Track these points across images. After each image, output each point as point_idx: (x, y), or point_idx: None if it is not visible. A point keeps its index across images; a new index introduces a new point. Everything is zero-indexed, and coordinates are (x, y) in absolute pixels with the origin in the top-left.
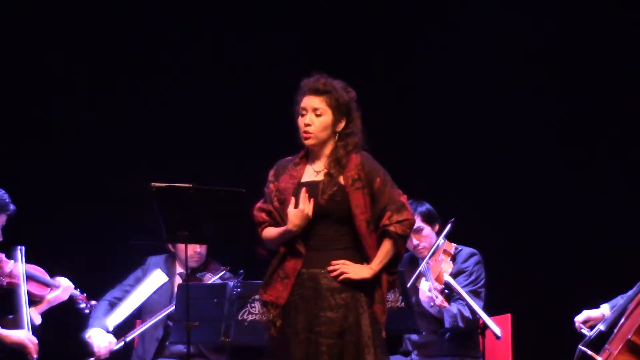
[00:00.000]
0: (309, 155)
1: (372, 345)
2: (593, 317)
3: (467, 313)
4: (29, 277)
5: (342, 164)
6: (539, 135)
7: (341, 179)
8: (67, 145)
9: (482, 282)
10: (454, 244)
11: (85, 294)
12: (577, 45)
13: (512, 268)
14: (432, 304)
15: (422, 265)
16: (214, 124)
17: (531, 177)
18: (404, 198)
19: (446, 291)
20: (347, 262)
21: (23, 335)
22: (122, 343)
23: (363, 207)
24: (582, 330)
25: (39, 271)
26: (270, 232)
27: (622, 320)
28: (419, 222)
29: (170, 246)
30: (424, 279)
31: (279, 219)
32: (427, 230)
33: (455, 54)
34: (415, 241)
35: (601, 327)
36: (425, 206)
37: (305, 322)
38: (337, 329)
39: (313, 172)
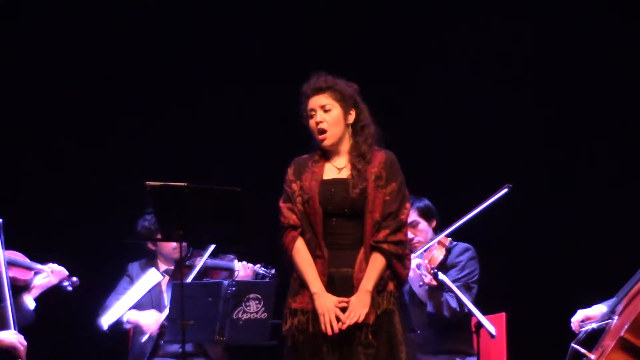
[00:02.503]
0: (327, 153)
1: (404, 343)
2: (591, 315)
3: (453, 304)
4: (10, 263)
5: (367, 158)
6: (537, 134)
7: (366, 174)
8: (62, 145)
9: (476, 277)
10: (449, 238)
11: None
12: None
13: (507, 267)
14: (420, 283)
15: (414, 254)
16: (211, 123)
17: (528, 175)
18: (405, 215)
19: (435, 270)
20: (351, 307)
21: (14, 338)
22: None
23: (378, 207)
24: (583, 329)
25: (18, 256)
26: (301, 258)
27: (615, 318)
28: (415, 216)
29: (150, 245)
30: (412, 254)
31: (303, 222)
32: (424, 225)
33: (458, 55)
34: (410, 234)
35: (594, 325)
36: (424, 202)
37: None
38: (372, 328)
39: (335, 169)
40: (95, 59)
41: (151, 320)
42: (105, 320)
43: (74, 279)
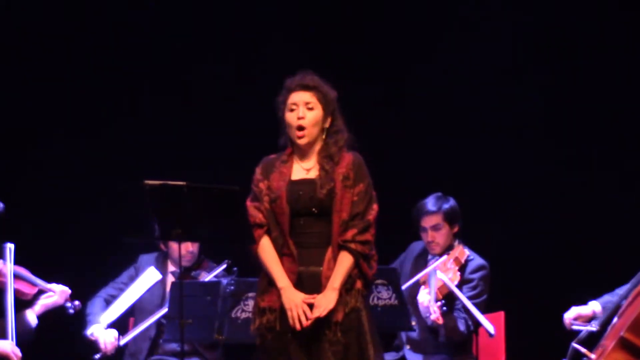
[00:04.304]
0: (296, 153)
1: (371, 342)
2: (583, 314)
3: (462, 327)
4: (17, 277)
5: (335, 160)
6: (535, 134)
7: (334, 175)
8: (62, 145)
9: (484, 297)
10: (467, 252)
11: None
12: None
13: (505, 266)
14: (427, 314)
15: (429, 265)
16: (211, 123)
17: (525, 175)
18: (372, 216)
19: (444, 309)
20: (317, 304)
21: (9, 348)
22: (123, 342)
23: (346, 206)
24: (574, 327)
25: (24, 271)
26: (266, 256)
27: (616, 317)
28: (439, 220)
29: (162, 246)
30: (422, 287)
31: (269, 220)
32: (446, 229)
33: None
34: (430, 237)
35: (594, 324)
36: (450, 203)
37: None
38: (340, 326)
39: (302, 170)
40: (95, 59)
41: (109, 339)
42: (104, 319)
43: (77, 302)
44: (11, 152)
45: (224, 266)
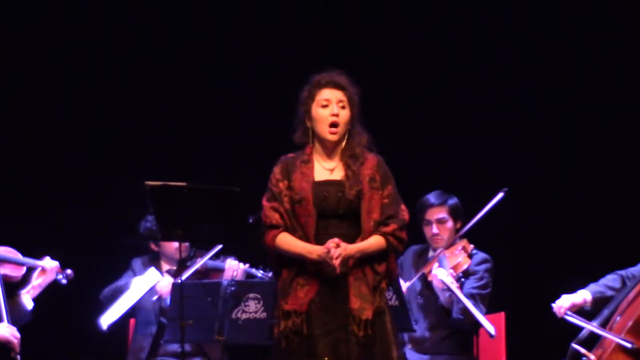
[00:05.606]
0: (318, 152)
1: (394, 343)
2: (577, 303)
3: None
4: (1, 260)
5: (361, 161)
6: (535, 134)
7: (360, 177)
8: (62, 145)
9: (489, 290)
10: (472, 245)
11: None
12: (577, 41)
13: (506, 266)
14: (444, 287)
15: (438, 252)
16: (211, 123)
17: (524, 175)
18: (405, 216)
19: (462, 279)
20: (343, 248)
21: (7, 332)
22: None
23: (375, 207)
24: (567, 317)
25: (10, 252)
26: (288, 243)
27: (615, 318)
28: (444, 214)
29: (152, 245)
30: (436, 264)
31: (289, 222)
32: (450, 224)
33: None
34: (435, 229)
35: (594, 323)
36: (455, 200)
37: (336, 322)
38: (367, 326)
39: (325, 171)
40: (95, 59)
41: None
42: (105, 320)
43: (68, 271)
44: (11, 152)
45: (217, 249)
